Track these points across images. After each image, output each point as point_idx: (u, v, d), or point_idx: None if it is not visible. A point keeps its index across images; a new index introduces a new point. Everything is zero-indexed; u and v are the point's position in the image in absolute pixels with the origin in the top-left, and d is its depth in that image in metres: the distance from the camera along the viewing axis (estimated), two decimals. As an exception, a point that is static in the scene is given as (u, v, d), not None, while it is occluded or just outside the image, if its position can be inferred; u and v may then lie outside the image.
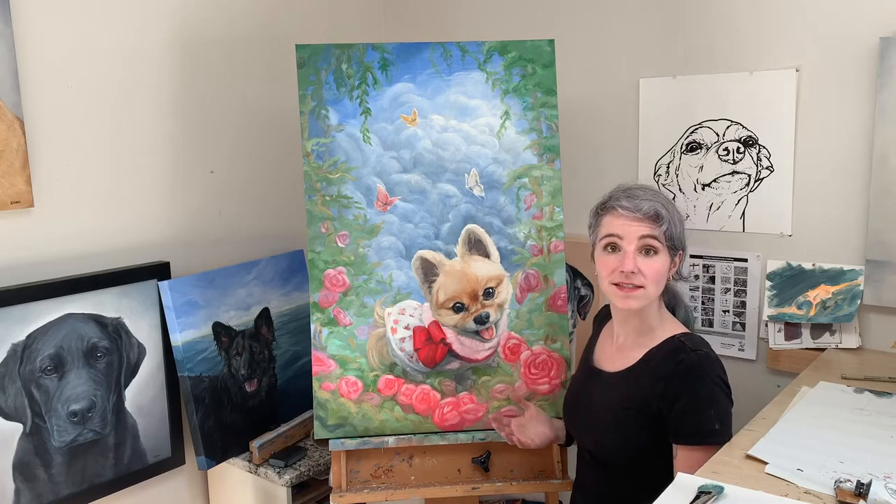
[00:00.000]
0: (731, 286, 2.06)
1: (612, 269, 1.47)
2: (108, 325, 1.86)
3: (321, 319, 1.78)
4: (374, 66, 1.82)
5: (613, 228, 1.48)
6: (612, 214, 1.49)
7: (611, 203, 1.51)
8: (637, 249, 1.46)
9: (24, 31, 1.74)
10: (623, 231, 1.47)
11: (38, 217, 1.80)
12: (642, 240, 1.46)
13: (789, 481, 1.19)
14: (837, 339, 1.89)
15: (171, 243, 2.08)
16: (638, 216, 1.46)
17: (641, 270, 1.45)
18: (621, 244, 1.47)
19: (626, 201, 1.48)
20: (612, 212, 1.49)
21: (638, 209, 1.46)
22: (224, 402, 2.04)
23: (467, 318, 1.80)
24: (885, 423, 1.39)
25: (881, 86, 1.76)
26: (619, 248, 1.47)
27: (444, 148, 1.82)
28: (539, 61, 1.84)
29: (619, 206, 1.48)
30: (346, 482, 1.78)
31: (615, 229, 1.48)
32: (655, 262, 1.47)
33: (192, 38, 2.11)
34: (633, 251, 1.46)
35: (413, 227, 1.81)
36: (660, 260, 1.47)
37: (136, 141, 1.99)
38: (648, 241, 1.46)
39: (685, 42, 2.07)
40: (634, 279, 1.45)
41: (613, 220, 1.49)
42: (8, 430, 1.70)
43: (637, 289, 1.46)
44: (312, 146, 1.80)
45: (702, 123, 2.06)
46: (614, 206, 1.49)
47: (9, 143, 1.70)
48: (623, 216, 1.47)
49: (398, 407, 1.79)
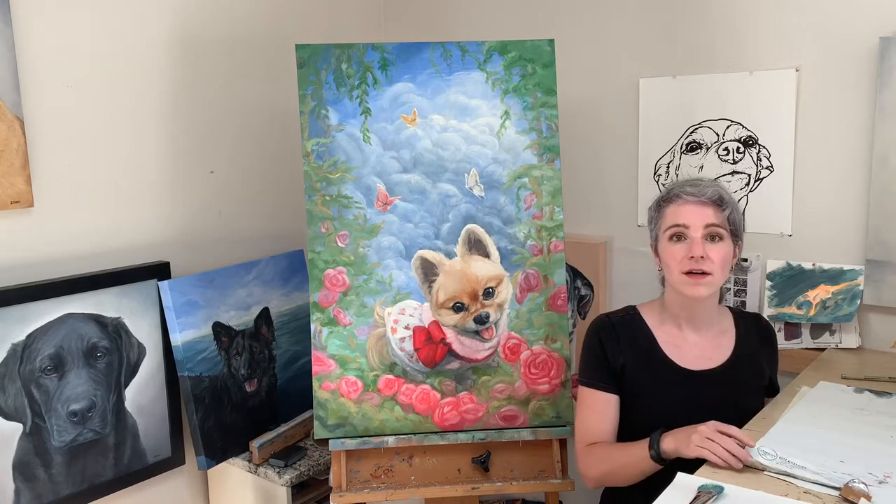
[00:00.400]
0: (732, 286, 2.06)
1: (681, 258, 1.50)
2: (108, 325, 1.86)
3: (321, 319, 1.78)
4: (374, 66, 1.82)
5: (679, 217, 1.52)
6: (676, 203, 1.53)
7: (675, 192, 1.55)
8: (703, 237, 1.49)
9: (24, 31, 1.74)
10: (689, 219, 1.50)
11: (38, 217, 1.79)
12: (708, 228, 1.50)
13: (789, 481, 1.19)
14: (837, 338, 1.89)
15: (171, 243, 2.08)
16: (703, 200, 1.51)
17: (710, 256, 1.48)
18: (687, 232, 1.50)
19: (690, 188, 1.53)
20: (677, 200, 1.53)
21: (703, 194, 1.51)
22: (224, 402, 2.04)
23: (467, 318, 1.80)
24: (885, 423, 1.39)
25: (881, 86, 1.76)
26: (686, 236, 1.51)
27: (444, 148, 1.82)
28: (539, 61, 1.84)
29: (683, 192, 1.53)
30: (346, 482, 1.78)
31: (681, 218, 1.51)
32: (722, 249, 1.51)
33: (193, 37, 2.11)
34: (700, 238, 1.49)
35: (413, 226, 1.81)
36: (726, 246, 1.51)
37: (136, 141, 1.99)
38: (714, 229, 1.50)
39: (685, 42, 2.07)
40: (704, 265, 1.48)
41: (678, 209, 1.52)
42: (8, 430, 1.70)
43: (705, 275, 1.49)
44: (312, 146, 1.80)
45: (702, 123, 2.06)
46: (679, 194, 1.53)
47: (9, 143, 1.70)
48: (689, 202, 1.51)
49: (398, 407, 1.79)
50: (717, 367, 1.57)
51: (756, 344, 1.63)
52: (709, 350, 1.59)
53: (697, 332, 1.60)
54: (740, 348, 1.60)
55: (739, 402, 1.54)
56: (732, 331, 1.63)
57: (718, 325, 1.62)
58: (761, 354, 1.62)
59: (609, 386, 1.59)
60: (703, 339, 1.60)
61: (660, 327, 1.62)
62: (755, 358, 1.61)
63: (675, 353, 1.58)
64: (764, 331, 1.67)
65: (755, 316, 1.70)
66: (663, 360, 1.58)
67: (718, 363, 1.58)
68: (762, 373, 1.62)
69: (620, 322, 1.63)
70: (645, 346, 1.60)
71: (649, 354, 1.59)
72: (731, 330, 1.63)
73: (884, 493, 1.13)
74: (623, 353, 1.59)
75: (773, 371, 1.66)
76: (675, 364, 1.57)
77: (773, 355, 1.67)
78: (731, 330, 1.63)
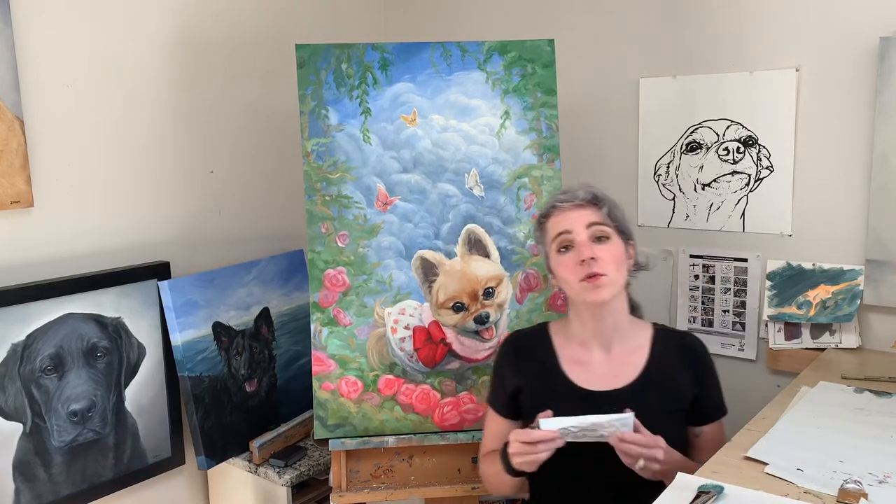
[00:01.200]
0: (731, 286, 2.06)
1: (573, 266, 1.45)
2: (108, 325, 1.86)
3: (321, 319, 1.78)
4: (374, 65, 1.82)
5: (559, 225, 1.48)
6: (554, 215, 1.51)
7: (549, 204, 1.53)
8: (589, 238, 1.45)
9: (24, 31, 1.74)
10: (569, 224, 1.47)
11: (38, 217, 1.79)
12: (591, 228, 1.46)
13: (789, 481, 1.19)
14: (837, 338, 1.89)
15: (171, 243, 2.08)
16: (577, 203, 1.48)
17: (600, 256, 1.43)
18: (572, 238, 1.46)
19: (562, 195, 1.52)
20: (554, 211, 1.51)
21: (575, 197, 1.49)
22: (224, 402, 2.04)
23: (467, 318, 1.80)
24: (885, 423, 1.39)
25: (881, 86, 1.76)
26: (572, 243, 1.46)
27: (444, 148, 1.82)
28: (539, 61, 1.84)
29: (557, 202, 1.51)
30: (346, 482, 1.78)
31: (561, 225, 1.48)
32: (611, 248, 1.46)
33: (192, 37, 2.11)
34: (585, 240, 1.45)
35: (413, 226, 1.81)
36: (614, 245, 1.47)
37: (137, 141, 1.99)
38: (597, 229, 1.46)
39: (685, 42, 2.07)
40: (595, 266, 1.42)
41: (557, 219, 1.49)
42: (8, 430, 1.70)
43: (601, 276, 1.43)
44: (312, 146, 1.80)
45: (702, 123, 2.06)
46: (553, 205, 1.52)
47: (9, 143, 1.70)
48: (563, 209, 1.49)
49: (398, 407, 1.79)
50: (621, 388, 1.47)
51: (676, 364, 1.50)
52: (615, 369, 1.49)
53: (606, 349, 1.51)
54: (652, 368, 1.49)
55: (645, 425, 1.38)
56: (647, 349, 1.51)
57: (632, 342, 1.52)
58: (682, 375, 1.49)
59: (502, 409, 1.56)
60: (611, 358, 1.51)
61: (565, 345, 1.54)
62: (672, 379, 1.49)
63: (576, 372, 1.51)
64: (688, 350, 1.52)
65: (681, 334, 1.58)
66: (562, 380, 1.51)
67: (623, 384, 1.48)
68: (679, 396, 1.48)
69: (525, 339, 1.59)
70: (546, 365, 1.53)
71: (549, 373, 1.52)
72: (645, 348, 1.52)
73: (883, 493, 1.13)
74: (521, 372, 1.54)
75: (708, 392, 1.51)
76: (573, 384, 1.49)
77: (704, 376, 1.51)
78: (645, 348, 1.52)
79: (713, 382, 1.53)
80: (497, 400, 1.58)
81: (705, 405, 1.51)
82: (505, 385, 1.56)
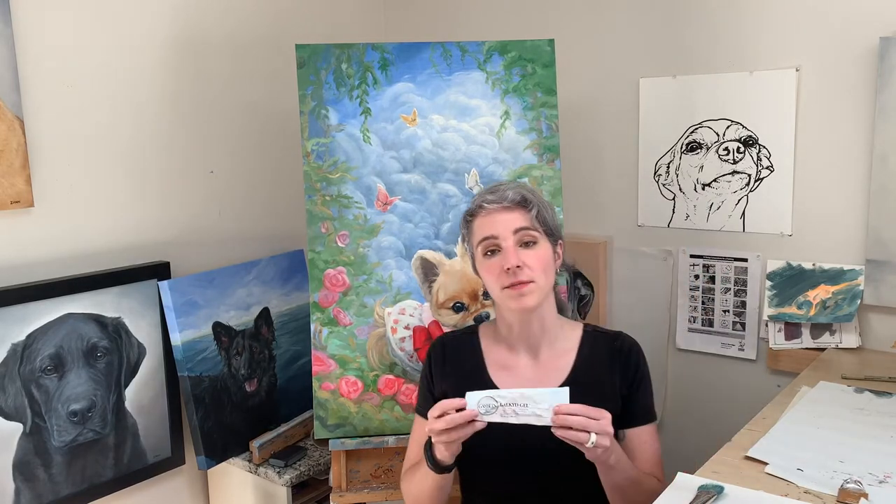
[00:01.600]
0: (731, 286, 2.06)
1: (498, 272, 1.38)
2: (108, 325, 1.86)
3: (321, 319, 1.78)
4: (374, 65, 1.82)
5: (485, 229, 1.41)
6: (480, 215, 1.43)
7: (476, 202, 1.44)
8: (516, 244, 1.39)
9: (24, 31, 1.74)
10: (496, 229, 1.39)
11: (38, 217, 1.79)
12: (518, 233, 1.39)
13: (789, 481, 1.19)
14: (837, 338, 1.89)
15: (171, 243, 2.08)
16: (505, 205, 1.40)
17: (526, 263, 1.37)
18: (499, 243, 1.39)
19: (490, 195, 1.43)
20: (480, 211, 1.43)
21: (504, 198, 1.41)
22: (224, 402, 2.04)
23: (467, 318, 1.80)
24: (885, 423, 1.39)
25: (881, 86, 1.76)
26: (499, 247, 1.39)
27: (444, 148, 1.82)
28: (539, 61, 1.84)
29: (484, 202, 1.42)
30: (346, 482, 1.78)
31: (487, 229, 1.40)
32: (538, 251, 1.40)
33: (193, 37, 2.11)
34: (512, 246, 1.38)
35: (413, 226, 1.81)
36: (542, 249, 1.40)
37: (136, 141, 1.99)
38: (524, 234, 1.39)
39: (685, 42, 2.07)
40: (521, 274, 1.36)
41: (484, 221, 1.42)
42: (8, 430, 1.70)
43: (528, 283, 1.37)
44: (312, 146, 1.80)
45: (702, 123, 2.06)
46: (481, 205, 1.43)
47: (9, 142, 1.70)
48: (491, 210, 1.41)
49: (398, 407, 1.79)
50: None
51: (604, 366, 1.44)
52: (542, 374, 1.44)
53: (532, 352, 1.46)
54: (579, 371, 1.44)
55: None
56: (574, 351, 1.46)
57: (560, 345, 1.47)
58: (610, 377, 1.43)
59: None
60: (539, 363, 1.46)
61: (492, 348, 1.49)
62: (600, 382, 1.43)
63: (501, 377, 1.46)
64: (618, 353, 1.45)
65: (613, 335, 1.50)
66: (487, 385, 1.44)
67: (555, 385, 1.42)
68: (608, 399, 1.39)
69: (452, 342, 1.54)
70: (471, 369, 1.48)
71: (474, 378, 1.46)
72: (573, 350, 1.47)
73: (884, 493, 1.13)
74: (447, 376, 1.49)
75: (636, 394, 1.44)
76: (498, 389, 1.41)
77: (634, 379, 1.44)
78: (573, 350, 1.47)
79: (644, 385, 1.46)
80: (425, 406, 1.45)
81: (633, 406, 1.43)
82: (432, 390, 1.50)
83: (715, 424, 1.99)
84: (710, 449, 1.33)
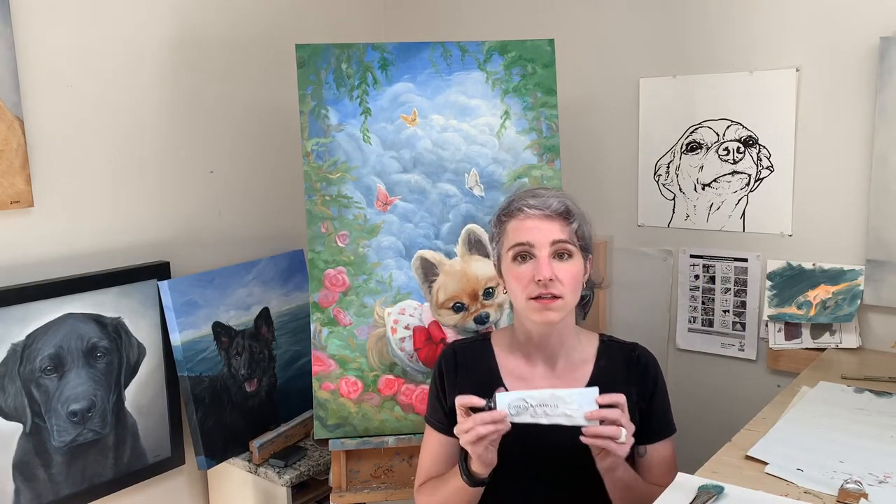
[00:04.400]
0: (731, 286, 2.06)
1: (527, 281, 1.32)
2: (108, 325, 1.86)
3: (321, 319, 1.78)
4: (374, 65, 1.82)
5: (522, 234, 1.34)
6: (518, 218, 1.36)
7: (516, 204, 1.37)
8: (551, 255, 1.33)
9: (24, 31, 1.74)
10: (533, 236, 1.33)
11: (38, 217, 1.79)
12: (555, 245, 1.33)
13: (789, 481, 1.19)
14: (837, 338, 1.89)
15: (171, 243, 2.08)
16: (547, 213, 1.34)
17: (558, 277, 1.31)
18: (533, 251, 1.33)
19: (532, 200, 1.36)
20: (519, 214, 1.36)
21: (547, 206, 1.34)
22: (224, 402, 2.04)
23: (467, 318, 1.80)
24: (885, 423, 1.39)
25: (881, 86, 1.76)
26: (531, 255, 1.33)
27: (444, 148, 1.82)
28: (539, 61, 1.84)
29: (525, 205, 1.35)
30: (346, 482, 1.78)
31: (524, 235, 1.34)
32: (572, 267, 1.34)
33: (193, 37, 2.11)
34: (547, 257, 1.32)
35: (413, 226, 1.81)
36: (576, 264, 1.35)
37: (136, 141, 1.99)
38: (561, 246, 1.33)
39: (685, 42, 2.07)
40: (553, 287, 1.31)
41: (521, 225, 1.35)
42: (8, 430, 1.70)
43: (555, 299, 1.32)
44: (312, 146, 1.80)
45: (702, 123, 2.06)
46: (521, 208, 1.36)
47: (9, 142, 1.70)
48: (531, 216, 1.34)
49: (398, 407, 1.79)
50: None
51: (621, 379, 1.41)
52: (559, 384, 1.40)
53: (550, 362, 1.42)
54: (596, 382, 1.37)
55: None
56: (592, 362, 1.43)
57: (577, 355, 1.43)
58: (628, 390, 1.37)
59: (443, 426, 1.44)
60: (556, 373, 1.42)
61: (508, 357, 1.45)
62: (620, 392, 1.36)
63: (518, 387, 1.40)
64: (636, 363, 1.43)
65: (630, 346, 1.46)
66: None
67: None
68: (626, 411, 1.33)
69: (465, 350, 1.48)
70: (486, 379, 1.42)
71: (490, 388, 1.37)
72: (590, 361, 1.43)
73: (883, 493, 1.13)
74: (461, 385, 1.41)
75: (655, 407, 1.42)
76: None
77: (653, 391, 1.42)
78: (590, 361, 1.43)
79: (661, 397, 1.43)
80: (435, 414, 1.45)
81: (652, 421, 1.41)
82: (445, 398, 1.45)
83: (715, 424, 1.99)
84: (710, 449, 1.33)
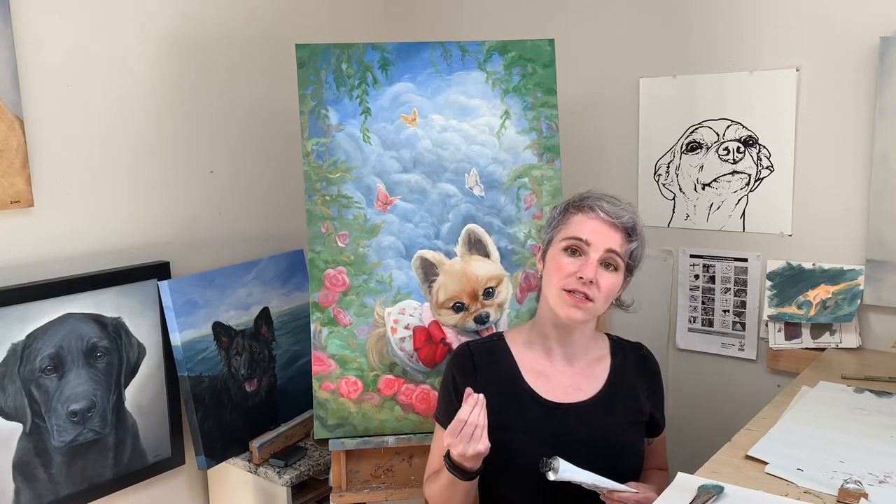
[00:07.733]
0: (731, 286, 2.06)
1: (569, 273, 1.37)
2: (108, 325, 1.86)
3: (321, 319, 1.78)
4: (374, 65, 1.82)
5: (584, 231, 1.38)
6: (586, 215, 1.40)
7: (589, 202, 1.41)
8: (600, 260, 1.37)
9: (24, 31, 1.74)
10: (593, 236, 1.37)
11: (38, 217, 1.79)
12: (608, 253, 1.37)
13: (789, 481, 1.19)
14: (837, 338, 1.89)
15: (171, 243, 2.08)
16: (615, 222, 1.38)
17: (598, 283, 1.36)
18: (587, 250, 1.37)
19: (607, 204, 1.40)
20: (589, 212, 1.40)
21: (618, 216, 1.39)
22: (224, 402, 2.04)
23: (467, 318, 1.80)
24: (885, 423, 1.39)
25: (881, 86, 1.76)
26: (583, 252, 1.38)
27: (444, 148, 1.82)
28: (539, 61, 1.84)
29: (599, 207, 1.39)
30: (346, 482, 1.78)
31: (585, 233, 1.38)
32: (614, 279, 1.39)
33: (193, 37, 2.11)
34: (596, 260, 1.37)
35: (413, 226, 1.81)
36: (618, 278, 1.40)
37: (136, 141, 1.99)
38: (613, 257, 1.38)
39: (685, 42, 2.07)
40: (589, 290, 1.35)
41: (586, 221, 1.39)
42: (8, 430, 1.70)
43: (587, 301, 1.36)
44: (312, 146, 1.80)
45: (702, 123, 2.06)
46: (593, 206, 1.40)
47: (9, 142, 1.70)
48: (601, 220, 1.38)
49: (398, 407, 1.79)
50: (588, 400, 1.43)
51: (634, 375, 1.49)
52: (579, 380, 1.45)
53: (568, 359, 1.46)
54: (615, 379, 1.46)
55: (612, 438, 1.40)
56: (608, 359, 1.49)
57: (593, 353, 1.49)
58: (640, 388, 1.48)
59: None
60: (574, 368, 1.46)
61: (526, 353, 1.48)
62: (632, 391, 1.47)
63: (539, 384, 1.44)
64: (645, 361, 1.52)
65: (636, 345, 1.55)
66: (526, 392, 1.43)
67: (589, 395, 1.44)
68: (640, 408, 1.47)
69: (480, 350, 1.50)
70: (506, 376, 1.45)
71: (511, 385, 1.44)
72: (606, 358, 1.49)
73: (883, 493, 1.13)
74: (479, 385, 1.41)
75: (656, 407, 1.51)
76: (539, 396, 1.43)
77: (656, 389, 1.52)
78: (606, 358, 1.49)
79: (662, 395, 1.55)
80: (448, 413, 1.42)
81: (657, 416, 1.52)
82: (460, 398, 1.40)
83: (715, 424, 1.99)
84: (710, 449, 1.33)
